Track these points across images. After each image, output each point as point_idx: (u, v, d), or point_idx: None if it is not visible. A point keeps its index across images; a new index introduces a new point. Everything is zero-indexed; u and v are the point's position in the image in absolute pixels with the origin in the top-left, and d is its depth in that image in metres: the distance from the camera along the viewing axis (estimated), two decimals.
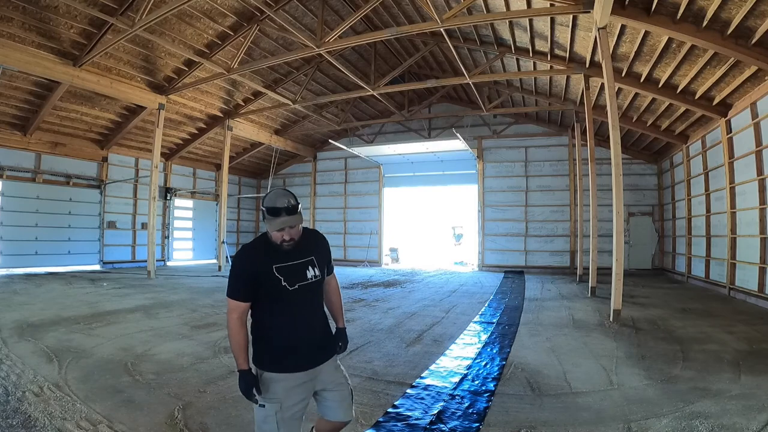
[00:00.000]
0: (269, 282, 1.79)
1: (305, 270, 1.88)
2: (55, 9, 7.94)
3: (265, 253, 1.84)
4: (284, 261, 1.83)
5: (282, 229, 1.79)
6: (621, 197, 6.51)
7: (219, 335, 5.10)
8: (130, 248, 13.95)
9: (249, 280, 1.79)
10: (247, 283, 1.79)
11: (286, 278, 1.81)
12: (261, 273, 1.79)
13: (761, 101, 7.30)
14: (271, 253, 1.83)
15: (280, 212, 1.77)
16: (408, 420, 2.87)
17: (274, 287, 1.80)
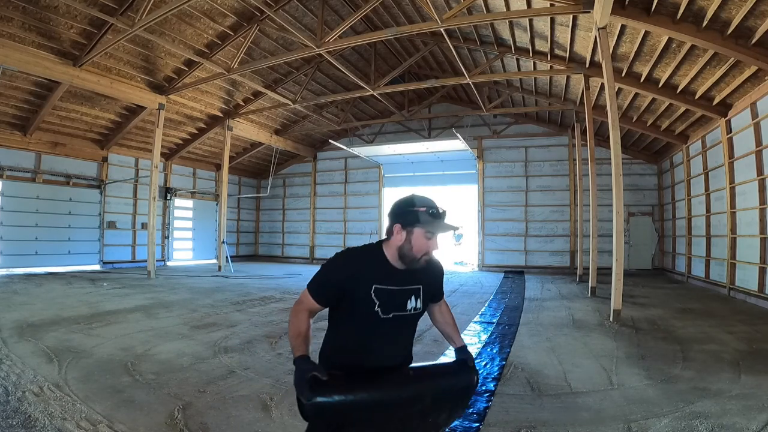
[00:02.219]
0: (361, 302, 1.52)
1: (407, 299, 1.59)
2: (55, 9, 7.94)
3: (369, 266, 1.57)
4: (387, 283, 1.55)
5: (432, 238, 1.54)
6: (621, 197, 6.51)
7: (219, 335, 5.11)
8: (130, 248, 13.94)
9: (339, 288, 1.53)
10: (336, 291, 1.53)
11: (382, 304, 1.53)
12: (356, 288, 1.52)
13: (761, 101, 7.30)
14: (377, 268, 1.56)
15: (444, 215, 1.54)
16: None
17: (365, 309, 1.52)
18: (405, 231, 1.55)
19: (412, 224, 1.53)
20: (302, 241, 18.37)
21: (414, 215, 1.53)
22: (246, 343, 4.76)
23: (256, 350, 4.51)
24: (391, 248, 1.60)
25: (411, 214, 1.54)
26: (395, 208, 1.61)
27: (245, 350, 4.50)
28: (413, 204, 1.56)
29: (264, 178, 18.53)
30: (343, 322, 1.59)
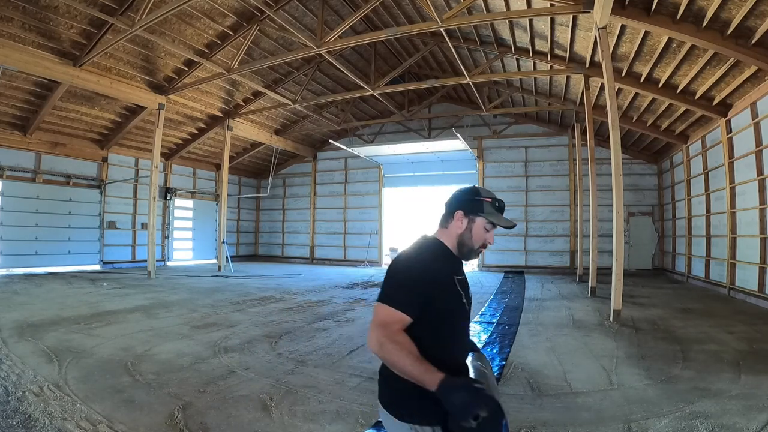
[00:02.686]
0: (451, 297, 1.42)
1: (469, 287, 1.55)
2: (55, 9, 7.94)
3: (444, 259, 1.48)
4: (460, 273, 1.51)
5: (491, 230, 1.51)
6: (621, 197, 6.51)
7: (219, 335, 5.11)
8: (130, 248, 13.94)
9: (427, 291, 1.36)
10: (424, 296, 1.35)
11: (465, 295, 1.47)
12: (443, 283, 1.43)
13: (761, 101, 7.30)
14: (449, 260, 1.51)
15: (504, 209, 1.51)
16: None
17: (454, 304, 1.43)
18: (467, 219, 1.50)
19: (475, 213, 1.49)
20: (302, 241, 18.37)
21: (478, 204, 1.50)
22: (246, 343, 4.76)
23: (256, 350, 4.51)
24: (449, 237, 1.52)
25: (475, 203, 1.50)
26: (459, 195, 1.55)
27: (245, 350, 4.50)
28: (478, 193, 1.52)
29: (264, 178, 18.53)
30: (426, 327, 1.38)
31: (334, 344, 4.83)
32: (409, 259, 1.44)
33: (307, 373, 3.80)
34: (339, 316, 6.47)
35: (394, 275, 1.41)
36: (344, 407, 3.04)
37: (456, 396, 1.10)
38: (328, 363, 4.12)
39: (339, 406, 3.06)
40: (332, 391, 3.36)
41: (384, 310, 1.32)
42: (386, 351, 1.24)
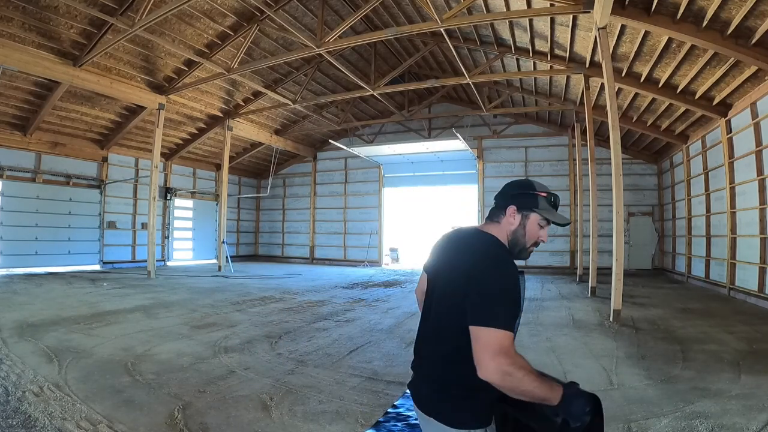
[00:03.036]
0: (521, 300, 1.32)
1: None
2: (55, 9, 7.94)
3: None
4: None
5: (545, 227, 1.42)
6: (621, 197, 6.51)
7: (219, 335, 5.10)
8: (130, 248, 13.94)
9: (518, 296, 1.26)
10: (518, 303, 1.25)
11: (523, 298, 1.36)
12: (522, 290, 1.32)
13: (761, 101, 7.30)
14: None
15: (559, 203, 1.42)
16: (408, 420, 2.86)
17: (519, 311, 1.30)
18: (520, 215, 1.40)
19: (529, 208, 1.39)
20: (302, 241, 18.37)
21: (533, 199, 1.40)
22: (246, 343, 4.76)
23: (256, 350, 4.51)
24: (501, 233, 1.41)
25: (529, 198, 1.40)
26: (511, 189, 1.45)
27: (245, 350, 4.50)
28: (533, 187, 1.42)
29: (264, 178, 18.54)
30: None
31: (334, 344, 4.83)
32: (497, 266, 1.27)
33: (307, 373, 3.80)
34: (339, 316, 6.47)
35: (489, 290, 1.22)
36: (344, 407, 3.04)
37: (576, 403, 1.14)
38: (328, 363, 4.12)
39: (339, 406, 3.06)
40: (332, 391, 3.36)
41: (495, 335, 1.15)
42: (514, 381, 1.12)
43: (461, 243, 1.43)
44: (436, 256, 1.51)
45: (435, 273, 1.46)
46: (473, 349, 1.18)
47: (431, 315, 1.40)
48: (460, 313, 1.24)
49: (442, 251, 1.48)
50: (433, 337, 1.38)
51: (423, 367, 1.40)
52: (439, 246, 1.53)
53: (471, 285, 1.23)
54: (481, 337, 1.16)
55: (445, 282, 1.37)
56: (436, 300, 1.39)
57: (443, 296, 1.35)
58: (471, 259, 1.31)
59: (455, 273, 1.32)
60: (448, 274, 1.37)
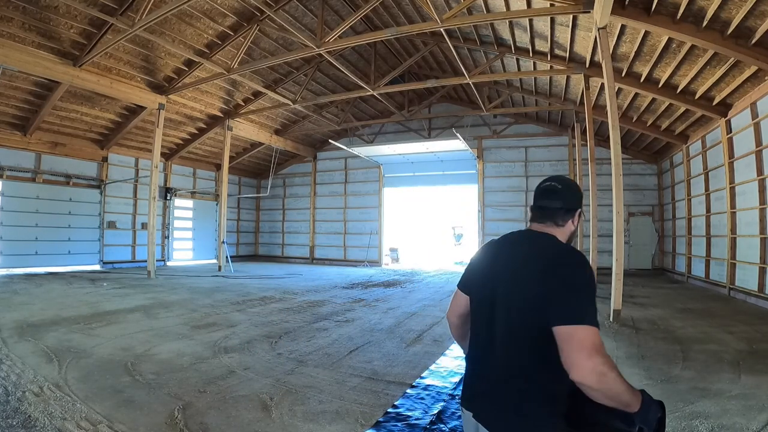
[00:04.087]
0: None
1: None
2: (55, 9, 7.94)
3: None
4: None
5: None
6: (621, 197, 6.51)
7: (219, 335, 5.10)
8: (130, 248, 13.94)
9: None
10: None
11: None
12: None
13: (761, 101, 7.30)
14: None
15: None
16: (408, 420, 2.87)
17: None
18: (577, 216, 1.41)
19: (580, 207, 1.41)
20: (302, 241, 18.36)
21: (581, 198, 1.43)
22: (246, 343, 4.76)
23: (256, 350, 4.51)
24: (563, 236, 1.38)
25: (581, 197, 1.43)
26: (577, 189, 1.42)
27: (245, 350, 4.50)
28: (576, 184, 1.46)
29: (264, 178, 18.54)
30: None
31: (334, 344, 4.83)
32: (582, 264, 1.24)
33: (307, 373, 3.80)
34: (339, 316, 6.47)
35: (580, 288, 1.19)
36: (344, 407, 3.04)
37: (653, 409, 1.10)
38: (328, 363, 4.12)
39: (339, 406, 3.06)
40: (332, 391, 3.36)
41: (589, 333, 1.11)
42: (608, 381, 1.08)
43: (530, 246, 1.35)
44: (487, 267, 1.41)
45: (491, 284, 1.34)
46: (564, 350, 1.11)
47: (497, 328, 1.29)
48: (540, 317, 1.17)
49: (499, 260, 1.38)
50: (505, 352, 1.26)
51: (496, 388, 1.27)
52: (491, 256, 1.42)
53: (554, 285, 1.18)
54: (575, 336, 1.11)
55: (515, 289, 1.27)
56: (502, 310, 1.28)
57: (514, 304, 1.26)
58: (551, 259, 1.26)
59: (530, 276, 1.25)
60: (520, 280, 1.27)
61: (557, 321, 1.13)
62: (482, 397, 1.30)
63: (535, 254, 1.30)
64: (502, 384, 1.26)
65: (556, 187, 1.40)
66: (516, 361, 1.24)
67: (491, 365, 1.30)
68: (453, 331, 1.59)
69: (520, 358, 1.23)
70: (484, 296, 1.36)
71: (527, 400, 1.21)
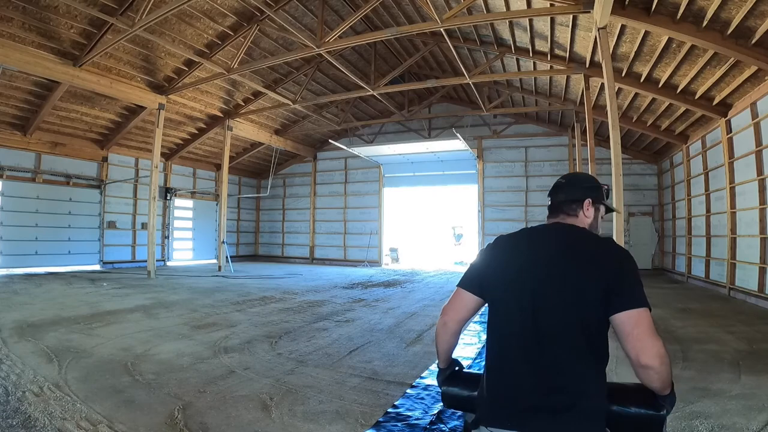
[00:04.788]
0: None
1: None
2: (55, 9, 7.94)
3: None
4: None
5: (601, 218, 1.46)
6: (621, 197, 6.51)
7: (219, 335, 5.10)
8: (130, 248, 13.95)
9: None
10: None
11: None
12: None
13: (761, 101, 7.30)
14: None
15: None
16: (408, 420, 2.87)
17: None
18: (593, 207, 1.43)
19: (599, 201, 1.44)
20: (302, 241, 18.37)
21: (601, 192, 1.44)
22: (246, 343, 4.76)
23: (256, 350, 4.51)
24: (582, 225, 1.42)
25: (599, 190, 1.44)
26: (584, 182, 1.46)
27: (245, 350, 4.50)
28: (597, 180, 1.47)
29: (264, 178, 18.54)
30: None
31: (334, 344, 4.82)
32: (622, 249, 1.28)
33: (307, 373, 3.80)
34: (339, 316, 6.47)
35: (634, 271, 1.22)
36: (344, 407, 3.04)
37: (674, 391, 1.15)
38: (328, 363, 4.12)
39: (339, 406, 3.06)
40: (332, 391, 3.36)
41: (650, 316, 1.12)
42: (667, 362, 1.09)
43: (560, 238, 1.30)
44: (510, 265, 1.32)
45: (520, 284, 1.26)
46: (631, 335, 1.09)
47: (540, 329, 1.20)
48: (596, 308, 1.15)
49: (524, 256, 1.31)
50: (553, 355, 1.18)
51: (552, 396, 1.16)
52: (510, 253, 1.35)
53: (611, 272, 1.18)
54: (643, 319, 1.10)
55: (560, 285, 1.20)
56: (546, 310, 1.20)
57: (562, 300, 1.19)
58: (594, 248, 1.26)
59: (578, 268, 1.21)
60: (565, 274, 1.21)
61: (622, 307, 1.12)
62: (535, 410, 1.16)
63: (572, 245, 1.27)
64: (559, 391, 1.16)
65: (560, 182, 1.47)
66: (569, 364, 1.16)
67: (537, 373, 1.18)
68: (447, 338, 1.41)
69: (573, 359, 1.16)
70: (513, 297, 1.26)
71: (588, 401, 1.14)
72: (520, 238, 1.37)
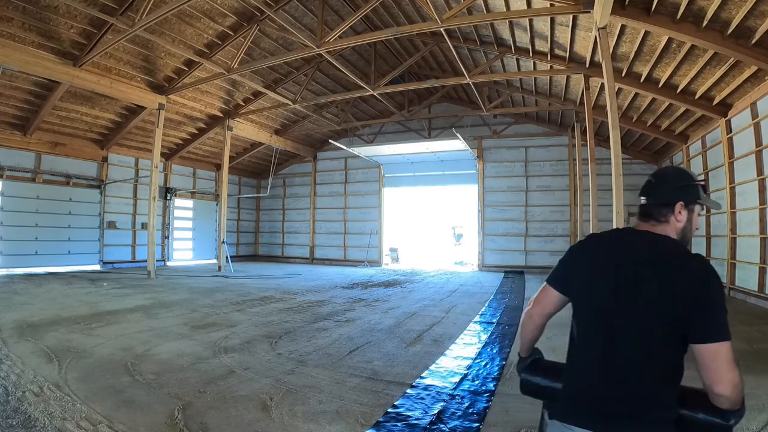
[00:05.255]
0: None
1: None
2: (55, 9, 7.94)
3: None
4: None
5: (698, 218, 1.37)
6: (621, 197, 6.51)
7: (219, 335, 5.10)
8: (130, 248, 13.95)
9: None
10: None
11: None
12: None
13: (761, 101, 7.29)
14: None
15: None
16: (408, 420, 2.87)
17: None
18: (686, 210, 1.30)
19: (693, 201, 1.30)
20: (302, 241, 18.37)
21: (695, 190, 1.30)
22: (246, 343, 4.76)
23: (256, 350, 4.51)
24: (674, 233, 1.30)
25: (692, 189, 1.30)
26: (675, 182, 1.32)
27: (245, 350, 4.50)
28: (692, 177, 1.32)
29: (264, 178, 18.54)
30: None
31: (334, 344, 4.82)
32: (715, 274, 1.17)
33: (307, 373, 3.80)
34: (339, 316, 6.47)
35: (718, 302, 1.14)
36: (344, 407, 3.04)
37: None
38: (328, 363, 4.12)
39: (339, 406, 3.06)
40: (332, 391, 3.36)
41: (729, 348, 1.10)
42: (741, 389, 1.11)
43: (650, 250, 1.25)
44: (597, 267, 1.31)
45: (606, 286, 1.25)
46: (708, 366, 1.10)
47: (620, 332, 1.21)
48: (675, 328, 1.14)
49: (613, 260, 1.28)
50: (629, 358, 1.19)
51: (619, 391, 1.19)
52: (599, 255, 1.33)
53: (695, 299, 1.13)
54: (722, 353, 1.09)
55: (644, 296, 1.19)
56: (628, 315, 1.20)
57: (645, 310, 1.18)
58: (683, 267, 1.18)
59: (661, 286, 1.17)
60: (640, 284, 1.19)
61: (703, 338, 1.11)
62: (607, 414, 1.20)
63: (658, 259, 1.22)
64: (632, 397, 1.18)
65: (650, 181, 1.37)
66: (644, 372, 1.18)
67: (612, 377, 1.21)
68: (532, 332, 1.49)
69: (647, 368, 1.18)
70: (593, 299, 1.29)
71: (660, 410, 1.17)
72: (608, 241, 1.35)
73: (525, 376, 1.50)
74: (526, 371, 1.51)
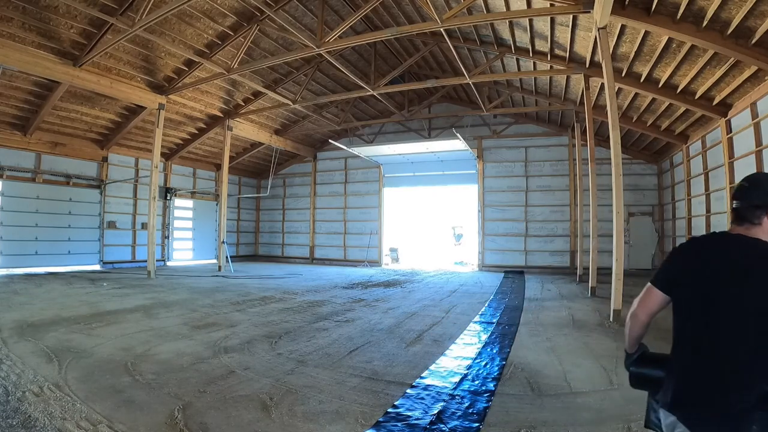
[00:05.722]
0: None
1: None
2: (55, 9, 7.94)
3: None
4: None
5: None
6: (621, 197, 6.51)
7: (219, 335, 5.10)
8: (130, 248, 13.95)
9: None
10: None
11: None
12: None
13: (761, 101, 7.30)
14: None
15: None
16: (408, 420, 2.86)
17: None
18: None
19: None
20: (302, 241, 18.37)
21: None
22: (246, 343, 4.76)
23: (256, 350, 4.51)
24: (765, 236, 1.33)
25: None
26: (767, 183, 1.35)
27: (245, 350, 4.50)
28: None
29: (264, 178, 18.54)
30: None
31: (334, 344, 4.82)
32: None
33: (307, 373, 3.80)
34: (339, 316, 6.47)
35: None
36: (344, 407, 3.04)
37: None
38: (328, 363, 4.11)
39: (339, 406, 3.06)
40: (332, 391, 3.36)
41: None
42: None
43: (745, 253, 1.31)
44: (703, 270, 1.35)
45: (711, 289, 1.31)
46: None
47: (722, 333, 1.28)
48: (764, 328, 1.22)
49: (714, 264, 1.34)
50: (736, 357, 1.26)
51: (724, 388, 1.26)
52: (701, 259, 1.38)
53: None
54: None
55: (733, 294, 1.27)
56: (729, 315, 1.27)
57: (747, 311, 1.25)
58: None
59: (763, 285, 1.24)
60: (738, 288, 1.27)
61: None
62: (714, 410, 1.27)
63: (752, 264, 1.28)
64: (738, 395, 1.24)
65: (743, 185, 1.39)
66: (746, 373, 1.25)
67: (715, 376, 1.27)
68: (636, 328, 1.55)
69: (750, 369, 1.24)
70: (694, 302, 1.34)
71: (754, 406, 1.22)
72: (707, 245, 1.42)
73: (634, 369, 1.58)
74: (634, 365, 1.59)
